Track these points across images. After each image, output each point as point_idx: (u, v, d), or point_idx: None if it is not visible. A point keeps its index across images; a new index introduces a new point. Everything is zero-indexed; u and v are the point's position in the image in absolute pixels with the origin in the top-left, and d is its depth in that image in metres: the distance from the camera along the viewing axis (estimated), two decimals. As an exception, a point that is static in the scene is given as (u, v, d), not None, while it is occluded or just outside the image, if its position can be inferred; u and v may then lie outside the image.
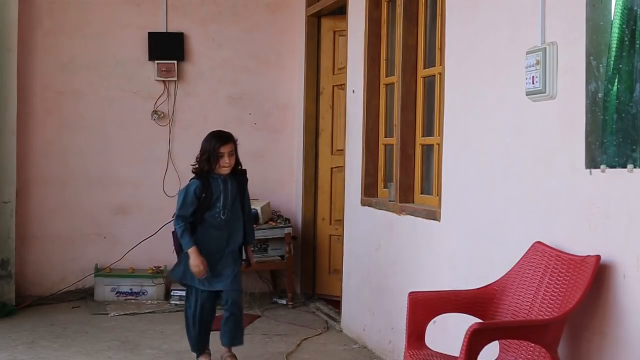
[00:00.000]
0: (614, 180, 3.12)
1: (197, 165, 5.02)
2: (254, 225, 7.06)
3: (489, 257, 4.06)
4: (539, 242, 3.54)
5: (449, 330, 4.48)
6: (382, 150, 5.79)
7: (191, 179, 5.03)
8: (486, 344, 3.09)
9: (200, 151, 5.03)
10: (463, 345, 2.99)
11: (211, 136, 5.07)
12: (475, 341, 2.99)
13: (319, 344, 5.80)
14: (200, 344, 5.05)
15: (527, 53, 3.63)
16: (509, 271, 3.64)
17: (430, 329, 4.74)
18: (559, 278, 3.31)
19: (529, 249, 3.58)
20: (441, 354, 3.66)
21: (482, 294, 3.63)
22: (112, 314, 6.58)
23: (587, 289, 3.08)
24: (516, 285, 3.54)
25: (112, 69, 7.47)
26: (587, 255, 3.18)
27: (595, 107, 3.25)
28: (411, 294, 3.67)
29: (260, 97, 7.75)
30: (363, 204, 5.83)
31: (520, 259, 3.60)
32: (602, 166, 3.19)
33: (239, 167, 5.12)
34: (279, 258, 7.10)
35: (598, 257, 3.11)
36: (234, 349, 5.07)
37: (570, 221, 3.37)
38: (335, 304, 6.63)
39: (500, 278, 3.66)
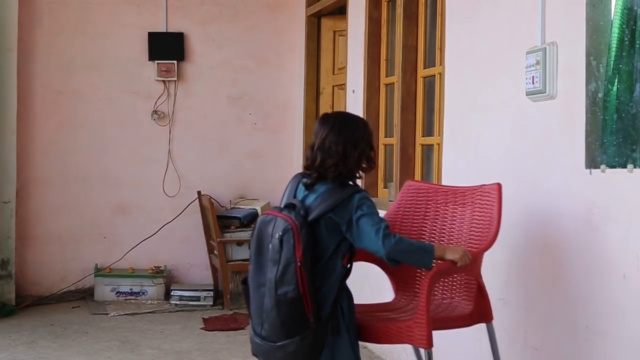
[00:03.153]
0: (614, 180, 3.12)
1: (354, 166, 3.23)
2: (253, 225, 7.10)
3: (489, 257, 4.06)
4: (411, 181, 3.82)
5: (448, 330, 4.48)
6: (382, 150, 5.79)
7: (359, 191, 3.20)
8: (437, 282, 3.52)
9: (355, 144, 3.19)
10: (425, 285, 3.16)
11: (364, 122, 3.32)
12: (433, 281, 3.26)
13: (319, 344, 5.79)
14: None
15: (527, 53, 3.63)
16: (389, 212, 3.79)
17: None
18: (449, 210, 3.64)
19: (403, 188, 3.80)
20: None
21: None
22: (112, 314, 6.58)
23: (499, 216, 3.39)
24: (402, 222, 3.74)
25: (112, 69, 7.46)
26: (481, 185, 3.51)
27: (595, 107, 3.25)
28: None
29: (260, 97, 7.75)
30: (363, 204, 5.82)
31: (398, 198, 3.76)
32: (602, 166, 3.19)
33: None
34: (279, 258, 7.07)
35: (498, 184, 3.42)
36: None
37: (570, 221, 3.37)
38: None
39: (388, 215, 3.77)
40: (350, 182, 3.23)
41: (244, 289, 3.23)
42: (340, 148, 3.16)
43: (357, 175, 3.25)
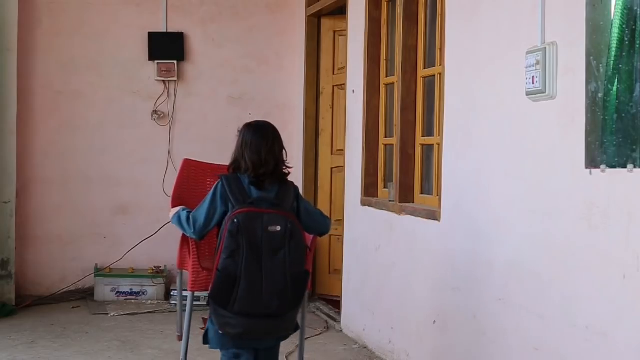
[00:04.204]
0: (614, 180, 3.12)
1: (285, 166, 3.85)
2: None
3: (489, 257, 4.06)
4: (187, 159, 4.44)
5: (448, 331, 4.49)
6: (382, 150, 5.79)
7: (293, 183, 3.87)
8: None
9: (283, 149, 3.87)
10: (313, 246, 3.94)
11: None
12: None
13: (319, 344, 5.80)
14: None
15: (527, 53, 3.63)
16: (175, 186, 4.32)
17: (430, 329, 4.75)
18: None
19: (181, 165, 4.40)
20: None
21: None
22: (112, 314, 6.58)
23: None
24: (190, 194, 4.33)
25: (112, 69, 7.47)
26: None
27: (595, 107, 3.25)
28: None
29: (260, 97, 7.75)
30: (363, 204, 5.83)
31: (178, 175, 4.36)
32: (602, 166, 3.19)
33: None
34: (279, 258, 7.07)
35: None
36: None
37: (570, 221, 3.37)
38: (335, 304, 6.63)
39: (174, 191, 4.29)
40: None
41: (229, 279, 3.55)
42: (283, 152, 3.79)
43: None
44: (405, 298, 5.08)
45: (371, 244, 5.65)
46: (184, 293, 4.45)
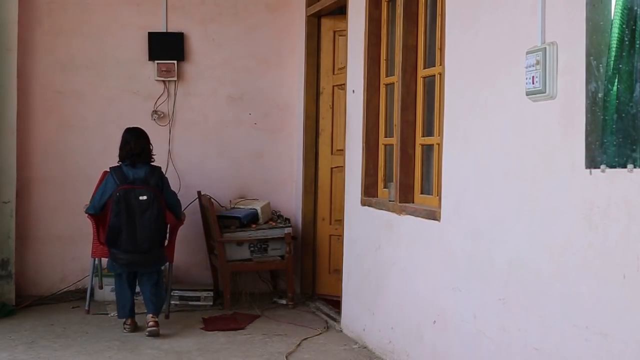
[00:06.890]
0: (614, 180, 3.12)
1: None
2: (253, 225, 7.14)
3: (489, 257, 4.06)
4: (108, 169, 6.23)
5: (448, 331, 4.49)
6: (382, 150, 5.79)
7: (158, 166, 6.29)
8: None
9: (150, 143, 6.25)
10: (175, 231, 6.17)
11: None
12: None
13: (319, 344, 5.80)
14: None
15: (527, 53, 3.63)
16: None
17: (430, 329, 4.75)
18: None
19: (104, 175, 6.35)
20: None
21: None
22: (112, 314, 6.57)
23: None
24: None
25: (112, 69, 7.47)
26: None
27: (595, 107, 3.25)
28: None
29: (260, 97, 7.75)
30: (363, 204, 5.83)
31: (101, 180, 6.30)
32: (602, 166, 3.19)
33: None
34: (279, 258, 7.10)
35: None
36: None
37: (570, 221, 3.37)
38: (335, 304, 6.62)
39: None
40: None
41: (115, 230, 5.87)
42: (149, 146, 6.18)
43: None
44: (405, 298, 5.09)
45: (371, 244, 5.65)
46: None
